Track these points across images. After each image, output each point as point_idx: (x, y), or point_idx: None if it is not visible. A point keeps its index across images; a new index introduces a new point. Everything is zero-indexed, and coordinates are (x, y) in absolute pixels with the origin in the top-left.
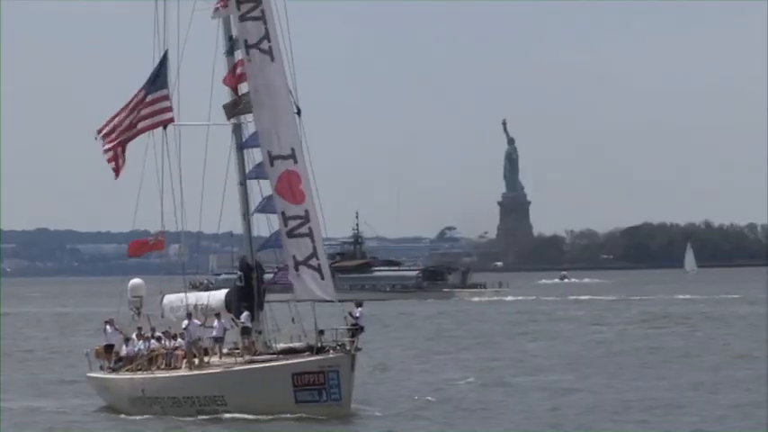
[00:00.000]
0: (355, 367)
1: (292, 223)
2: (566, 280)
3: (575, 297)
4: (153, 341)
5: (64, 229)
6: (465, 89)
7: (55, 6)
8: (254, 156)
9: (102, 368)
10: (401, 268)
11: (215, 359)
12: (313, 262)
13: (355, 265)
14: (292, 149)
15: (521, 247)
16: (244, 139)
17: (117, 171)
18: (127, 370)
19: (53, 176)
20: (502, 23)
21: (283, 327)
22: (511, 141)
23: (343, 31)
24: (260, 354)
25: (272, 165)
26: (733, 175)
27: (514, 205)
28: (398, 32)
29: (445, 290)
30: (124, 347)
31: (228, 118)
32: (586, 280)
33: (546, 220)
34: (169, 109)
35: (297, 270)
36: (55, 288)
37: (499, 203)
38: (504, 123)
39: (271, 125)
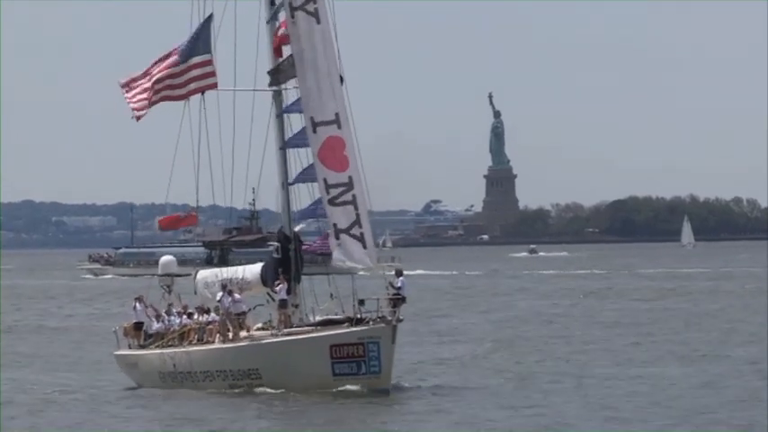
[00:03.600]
0: (396, 339)
1: (335, 191)
2: (534, 254)
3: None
4: (185, 317)
5: (49, 200)
6: (451, 62)
7: None
8: (293, 123)
9: (130, 346)
10: None
11: (243, 333)
12: (356, 231)
13: (251, 239)
14: (336, 115)
15: (506, 221)
16: (284, 106)
17: (140, 112)
18: (157, 346)
19: (39, 148)
20: None
21: (322, 303)
22: (497, 114)
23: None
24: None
25: (314, 131)
26: (720, 150)
27: (500, 178)
28: (382, 5)
29: None
30: (154, 324)
31: (274, 84)
32: (563, 253)
33: (532, 194)
34: (213, 74)
35: (338, 239)
36: (42, 260)
37: (485, 177)
38: (491, 96)
39: (314, 90)
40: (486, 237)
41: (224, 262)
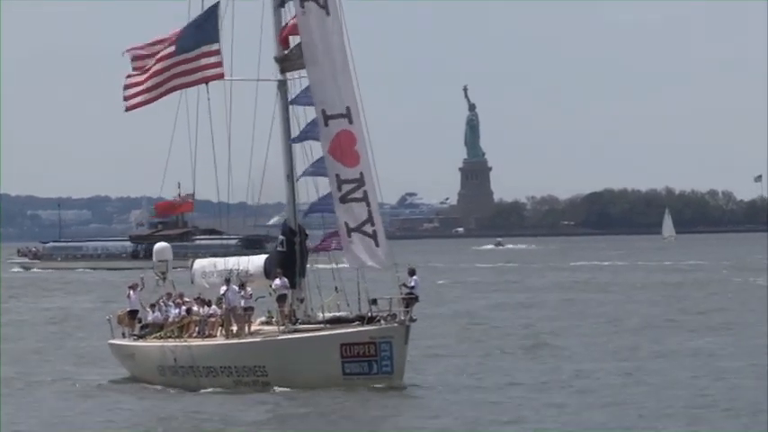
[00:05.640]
0: (409, 339)
1: (346, 187)
2: (500, 246)
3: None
4: (183, 308)
5: (25, 194)
6: (425, 54)
7: None
8: (300, 114)
9: (124, 335)
10: (221, 237)
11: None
12: (367, 228)
13: (177, 233)
14: (348, 108)
15: (482, 214)
16: (291, 97)
17: (136, 106)
18: (155, 337)
19: (13, 142)
20: None
21: (327, 296)
22: (472, 107)
23: None
24: (301, 323)
25: (326, 125)
26: (694, 141)
27: (475, 171)
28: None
29: None
30: (150, 314)
31: (282, 72)
32: (521, 246)
33: (507, 187)
34: (220, 64)
35: (349, 237)
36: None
37: (460, 169)
38: (465, 89)
39: (325, 83)
40: (461, 229)
41: (150, 256)
